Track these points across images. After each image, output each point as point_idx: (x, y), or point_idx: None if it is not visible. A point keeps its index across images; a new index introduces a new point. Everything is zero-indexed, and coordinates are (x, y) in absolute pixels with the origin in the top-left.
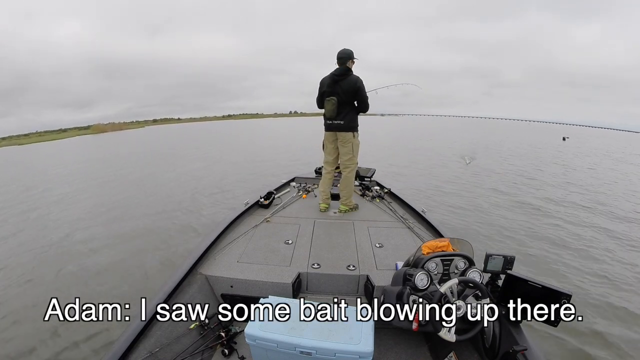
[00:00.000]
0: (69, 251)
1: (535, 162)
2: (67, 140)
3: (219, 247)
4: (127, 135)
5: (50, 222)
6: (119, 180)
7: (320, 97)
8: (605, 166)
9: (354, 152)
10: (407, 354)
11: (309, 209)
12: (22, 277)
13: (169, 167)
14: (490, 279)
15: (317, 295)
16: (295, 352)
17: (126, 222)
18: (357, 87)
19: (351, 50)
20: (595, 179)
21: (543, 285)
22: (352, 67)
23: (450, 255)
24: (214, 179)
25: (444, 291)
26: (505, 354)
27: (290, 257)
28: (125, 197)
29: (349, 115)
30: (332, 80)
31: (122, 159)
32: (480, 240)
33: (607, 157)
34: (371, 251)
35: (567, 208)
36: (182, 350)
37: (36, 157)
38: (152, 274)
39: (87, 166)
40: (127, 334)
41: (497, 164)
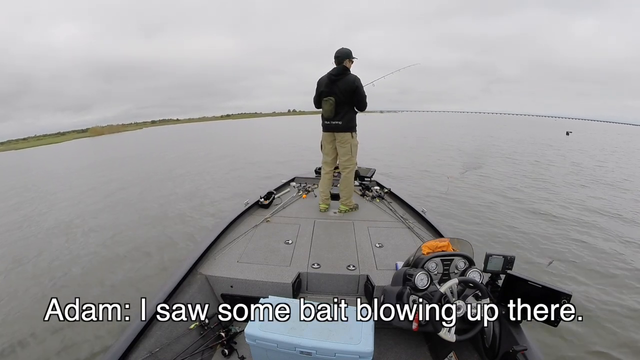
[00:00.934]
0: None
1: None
2: (64, 144)
3: (219, 247)
4: (123, 137)
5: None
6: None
7: (318, 97)
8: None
9: (352, 152)
10: (407, 354)
11: (309, 209)
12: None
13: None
14: (490, 279)
15: (317, 295)
16: (295, 352)
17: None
18: (355, 87)
19: (349, 49)
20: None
21: (543, 285)
22: (350, 67)
23: (450, 255)
24: (190, 188)
25: (444, 291)
26: (505, 354)
27: (290, 257)
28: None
29: (347, 115)
30: (330, 80)
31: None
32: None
33: (621, 153)
34: (371, 251)
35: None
36: (182, 350)
37: (25, 163)
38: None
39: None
40: (127, 334)
41: (513, 169)
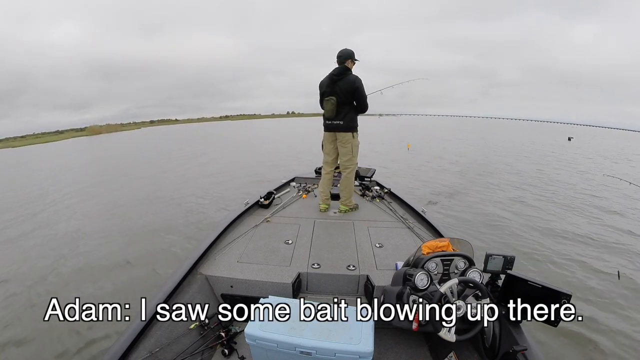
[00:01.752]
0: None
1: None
2: (60, 143)
3: (219, 247)
4: (120, 137)
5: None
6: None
7: (321, 98)
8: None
9: (353, 152)
10: (407, 354)
11: (309, 209)
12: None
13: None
14: (490, 279)
15: (317, 295)
16: (295, 352)
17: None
18: (356, 87)
19: (352, 50)
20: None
21: (543, 285)
22: (352, 67)
23: (450, 255)
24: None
25: (444, 291)
26: (505, 354)
27: (290, 257)
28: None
29: (348, 115)
30: (331, 80)
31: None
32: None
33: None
34: (371, 251)
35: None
36: (182, 350)
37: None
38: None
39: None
40: (127, 334)
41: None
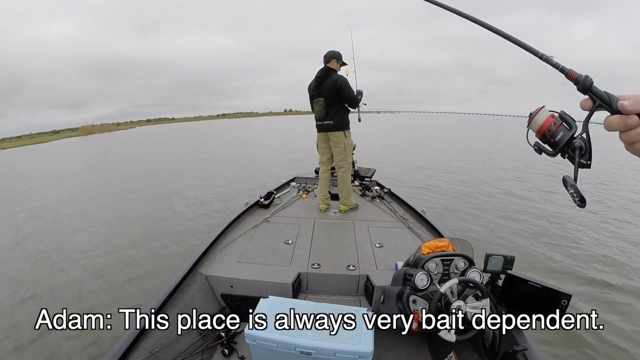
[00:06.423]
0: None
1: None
2: (50, 144)
3: (219, 247)
4: (112, 137)
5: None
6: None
7: (310, 100)
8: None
9: (346, 151)
10: (407, 354)
11: (309, 209)
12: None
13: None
14: (490, 279)
15: (317, 295)
16: (295, 352)
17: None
18: (338, 86)
19: (339, 52)
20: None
21: (543, 285)
22: (338, 68)
23: (450, 255)
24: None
25: (444, 291)
26: (505, 354)
27: (290, 257)
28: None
29: (338, 114)
30: (317, 82)
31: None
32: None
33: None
34: (371, 251)
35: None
36: (182, 350)
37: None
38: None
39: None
40: (127, 334)
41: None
